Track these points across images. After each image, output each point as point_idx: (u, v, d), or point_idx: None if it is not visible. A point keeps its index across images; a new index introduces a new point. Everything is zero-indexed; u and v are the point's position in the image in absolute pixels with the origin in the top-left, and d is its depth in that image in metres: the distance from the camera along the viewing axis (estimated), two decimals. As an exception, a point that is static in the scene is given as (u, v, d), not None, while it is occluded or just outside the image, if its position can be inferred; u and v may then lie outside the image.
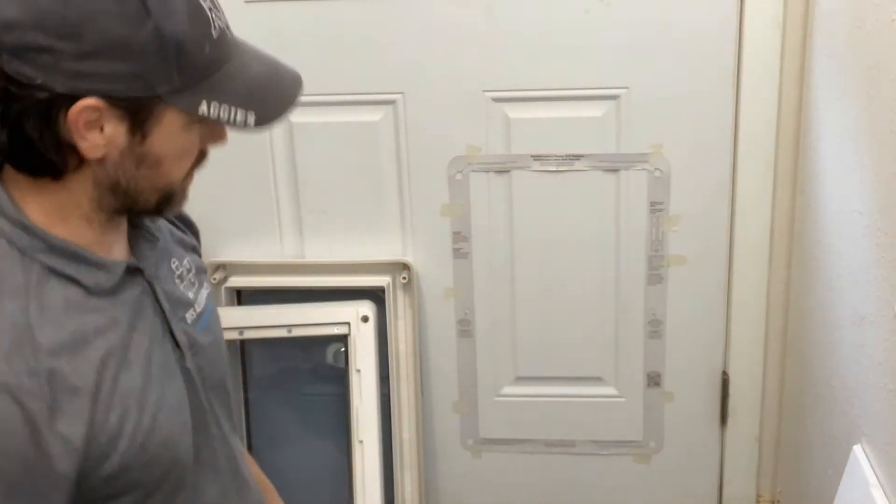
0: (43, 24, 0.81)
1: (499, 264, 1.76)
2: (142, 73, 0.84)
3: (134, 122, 0.86)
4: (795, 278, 1.66)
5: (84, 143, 0.85)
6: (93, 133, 0.85)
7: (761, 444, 1.82)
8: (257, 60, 0.94)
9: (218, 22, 0.89)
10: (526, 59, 1.63)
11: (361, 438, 1.69)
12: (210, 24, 0.88)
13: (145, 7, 0.82)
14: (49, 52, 0.82)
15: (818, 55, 1.50)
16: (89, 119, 0.84)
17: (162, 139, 0.88)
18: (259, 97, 0.91)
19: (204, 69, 0.87)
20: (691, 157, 1.66)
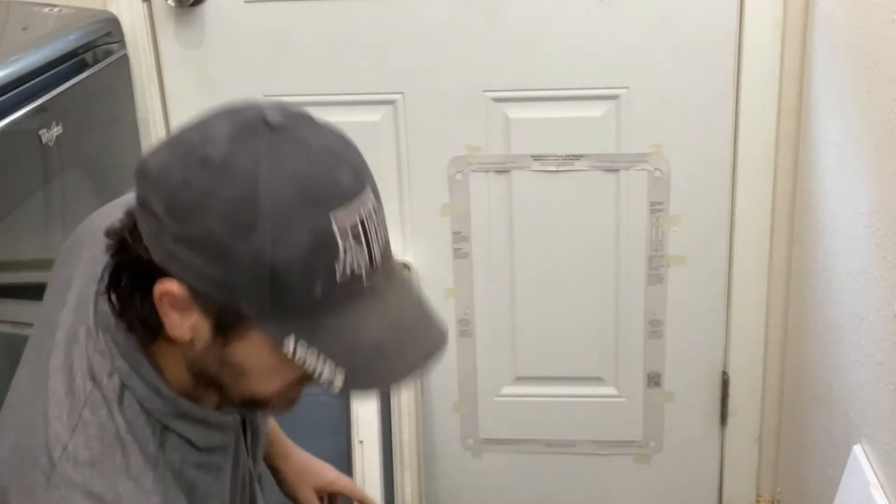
0: (161, 192, 0.76)
1: (499, 264, 1.76)
2: (231, 285, 0.75)
3: (218, 325, 0.79)
4: (795, 278, 1.66)
5: (167, 320, 0.79)
6: (175, 315, 0.79)
7: (761, 444, 1.82)
8: (394, 322, 0.80)
9: (353, 265, 0.76)
10: (526, 59, 1.63)
11: (361, 438, 1.69)
12: (337, 264, 0.75)
13: (256, 223, 0.73)
14: (157, 219, 0.76)
15: (818, 55, 1.50)
16: (173, 301, 0.78)
17: (246, 353, 0.80)
18: (360, 361, 0.78)
19: (306, 307, 0.76)
20: (691, 157, 1.66)
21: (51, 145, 1.30)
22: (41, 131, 1.28)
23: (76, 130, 1.34)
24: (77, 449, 0.79)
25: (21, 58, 1.28)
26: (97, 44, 1.51)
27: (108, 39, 1.56)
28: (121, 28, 1.61)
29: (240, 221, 0.73)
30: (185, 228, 0.75)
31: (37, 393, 0.83)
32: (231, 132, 0.75)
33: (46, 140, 1.29)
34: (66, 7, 1.54)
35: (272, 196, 0.73)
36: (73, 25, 1.47)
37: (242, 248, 0.73)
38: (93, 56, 1.48)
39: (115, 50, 1.58)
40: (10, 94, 1.21)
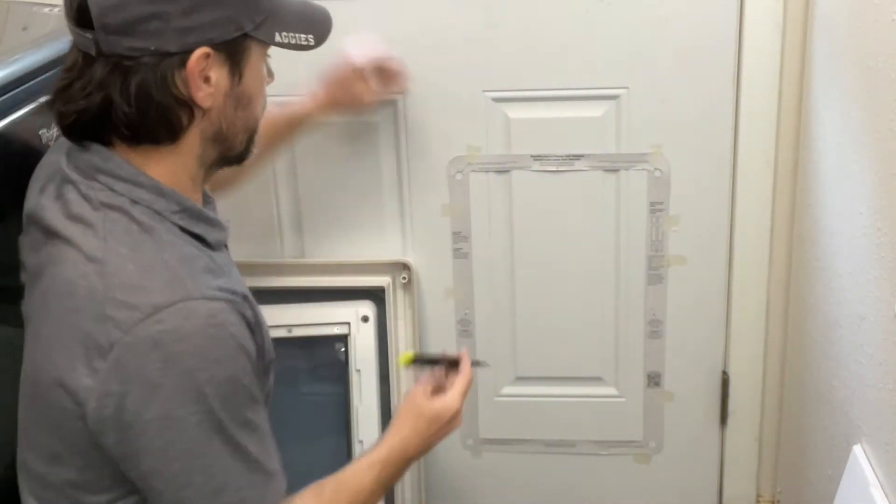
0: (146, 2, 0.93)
1: (499, 264, 1.76)
2: (233, 16, 0.98)
3: (232, 63, 1.00)
4: (795, 278, 1.66)
5: (199, 93, 0.98)
6: (204, 85, 0.98)
7: (761, 444, 1.82)
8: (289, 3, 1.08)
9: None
10: (526, 59, 1.63)
11: (361, 438, 1.69)
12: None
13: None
14: (158, 17, 0.94)
15: (818, 55, 1.50)
16: (201, 69, 0.97)
17: (251, 77, 1.03)
18: (309, 23, 1.09)
19: (268, 5, 1.02)
20: (691, 157, 1.66)
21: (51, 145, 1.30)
22: (41, 131, 1.28)
23: (76, 130, 1.34)
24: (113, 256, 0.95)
25: (21, 58, 1.28)
26: (97, 44, 1.51)
27: (108, 39, 1.55)
28: (121, 28, 1.61)
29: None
30: (185, 2, 0.94)
31: None
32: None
33: (46, 140, 1.29)
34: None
35: None
36: (73, 25, 1.47)
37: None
38: (93, 56, 1.48)
39: (115, 50, 1.58)
40: (10, 94, 1.21)
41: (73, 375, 0.93)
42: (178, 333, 0.91)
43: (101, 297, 0.93)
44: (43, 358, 0.97)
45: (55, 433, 0.98)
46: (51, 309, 0.97)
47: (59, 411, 0.95)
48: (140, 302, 0.92)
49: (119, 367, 0.91)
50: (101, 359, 0.91)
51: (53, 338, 0.95)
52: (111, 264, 0.94)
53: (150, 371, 0.91)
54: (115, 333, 0.91)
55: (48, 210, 1.01)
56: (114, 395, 0.92)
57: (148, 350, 0.91)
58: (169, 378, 0.91)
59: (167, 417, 0.92)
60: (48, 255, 0.99)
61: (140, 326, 0.91)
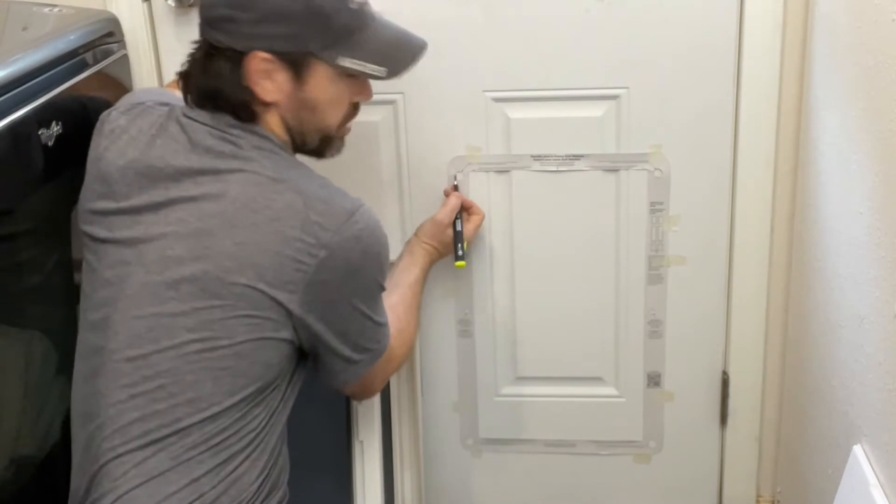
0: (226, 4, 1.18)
1: (499, 264, 1.76)
2: (297, 34, 1.19)
3: (295, 72, 1.21)
4: (795, 278, 1.66)
5: (258, 88, 1.20)
6: (266, 81, 1.20)
7: (761, 444, 1.82)
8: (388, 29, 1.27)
9: None
10: (526, 59, 1.63)
11: (361, 438, 1.69)
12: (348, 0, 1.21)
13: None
14: (232, 21, 1.18)
15: (818, 55, 1.50)
16: (261, 69, 1.19)
17: (316, 87, 1.23)
18: (389, 56, 1.26)
19: (344, 32, 1.20)
20: (691, 157, 1.66)
21: (51, 145, 1.30)
22: (41, 131, 1.28)
23: (76, 130, 1.34)
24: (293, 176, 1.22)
25: (21, 58, 1.28)
26: (97, 44, 1.51)
27: (108, 39, 1.55)
28: (121, 28, 1.61)
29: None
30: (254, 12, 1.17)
31: None
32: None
33: (46, 140, 1.29)
34: (66, 7, 1.54)
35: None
36: (73, 25, 1.47)
37: (296, 5, 1.18)
38: (93, 56, 1.48)
39: (115, 50, 1.58)
40: (10, 94, 1.21)
41: (280, 272, 1.15)
42: (369, 228, 1.20)
43: (302, 206, 1.17)
44: (233, 263, 1.15)
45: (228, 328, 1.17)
46: (238, 223, 1.16)
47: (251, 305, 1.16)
48: (336, 210, 1.18)
49: (328, 260, 1.17)
50: (312, 256, 1.16)
51: (250, 245, 1.15)
52: (296, 181, 1.20)
53: (353, 259, 1.19)
54: (325, 235, 1.16)
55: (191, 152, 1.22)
56: (322, 282, 1.17)
57: (352, 244, 1.18)
58: (366, 261, 1.21)
59: (366, 290, 1.25)
60: (217, 182, 1.19)
61: (345, 227, 1.17)
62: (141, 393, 1.16)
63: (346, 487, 1.70)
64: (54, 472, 1.32)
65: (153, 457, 1.15)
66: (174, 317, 1.16)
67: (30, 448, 1.30)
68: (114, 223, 1.23)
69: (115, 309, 1.20)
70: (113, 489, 1.16)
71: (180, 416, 1.16)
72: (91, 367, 1.22)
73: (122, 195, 1.23)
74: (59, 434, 1.34)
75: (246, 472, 1.21)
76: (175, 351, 1.16)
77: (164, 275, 1.17)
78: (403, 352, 1.46)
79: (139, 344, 1.17)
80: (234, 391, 1.18)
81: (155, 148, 1.24)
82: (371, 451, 1.67)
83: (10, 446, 1.25)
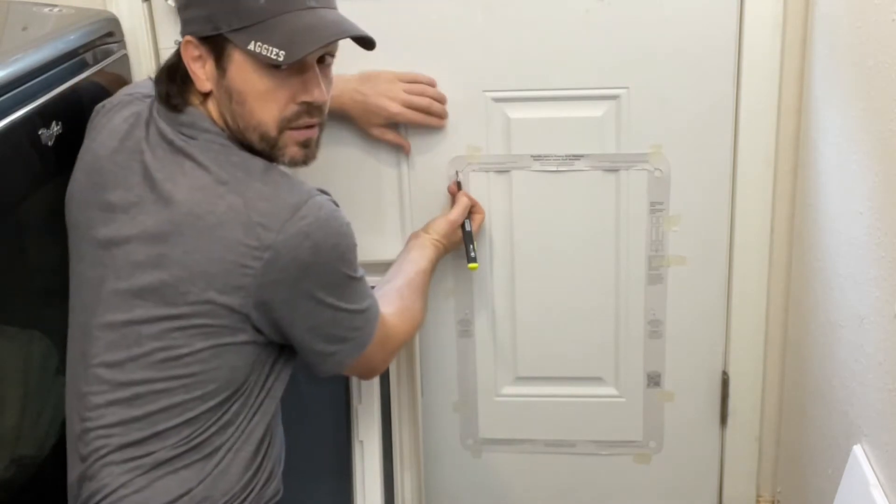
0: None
1: (499, 264, 1.76)
2: (211, 16, 1.16)
3: (216, 57, 1.18)
4: (795, 278, 1.66)
5: (195, 77, 1.19)
6: (199, 69, 1.19)
7: (761, 444, 1.82)
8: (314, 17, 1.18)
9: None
10: (526, 59, 1.63)
11: (361, 438, 1.69)
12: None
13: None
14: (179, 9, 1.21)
15: (818, 55, 1.50)
16: (194, 55, 1.19)
17: (237, 76, 1.18)
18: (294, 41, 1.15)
19: (258, 15, 1.14)
20: (691, 157, 1.66)
21: (51, 145, 1.30)
22: (41, 131, 1.28)
23: (76, 130, 1.34)
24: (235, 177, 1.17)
25: (21, 58, 1.28)
26: (97, 44, 1.51)
27: (108, 39, 1.55)
28: (121, 28, 1.61)
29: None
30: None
31: None
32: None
33: (46, 140, 1.29)
34: (66, 7, 1.54)
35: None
36: (73, 25, 1.47)
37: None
38: (93, 56, 1.48)
39: (115, 50, 1.58)
40: (10, 94, 1.21)
41: (228, 278, 1.13)
42: (318, 222, 1.15)
43: (243, 208, 1.14)
44: (184, 272, 1.14)
45: (183, 334, 1.16)
46: (185, 231, 1.15)
47: (204, 313, 1.14)
48: (279, 207, 1.14)
49: (274, 260, 1.14)
50: (257, 259, 1.13)
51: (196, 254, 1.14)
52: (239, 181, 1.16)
53: (303, 255, 1.15)
54: (268, 235, 1.13)
55: (157, 148, 1.20)
56: (273, 283, 1.15)
57: (299, 240, 1.14)
58: (320, 255, 1.16)
59: (329, 282, 1.19)
60: (168, 181, 1.17)
61: (290, 224, 1.14)
62: (118, 400, 1.17)
63: (346, 487, 1.70)
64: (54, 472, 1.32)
65: (137, 458, 1.17)
66: (140, 324, 1.17)
67: (30, 448, 1.30)
68: (93, 219, 1.23)
69: (94, 314, 1.21)
70: (100, 489, 1.17)
71: (157, 422, 1.17)
72: (76, 370, 1.23)
73: (100, 187, 1.23)
74: (59, 434, 1.34)
75: (231, 464, 1.21)
76: (145, 359, 1.16)
77: (130, 281, 1.18)
78: (405, 329, 1.43)
79: (114, 350, 1.18)
80: (206, 397, 1.18)
81: (130, 140, 1.23)
82: (371, 451, 1.67)
83: (10, 446, 1.25)
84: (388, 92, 1.57)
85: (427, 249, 1.58)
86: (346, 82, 1.55)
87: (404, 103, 1.58)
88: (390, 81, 1.57)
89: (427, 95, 1.60)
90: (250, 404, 1.23)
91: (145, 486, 1.16)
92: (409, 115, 1.60)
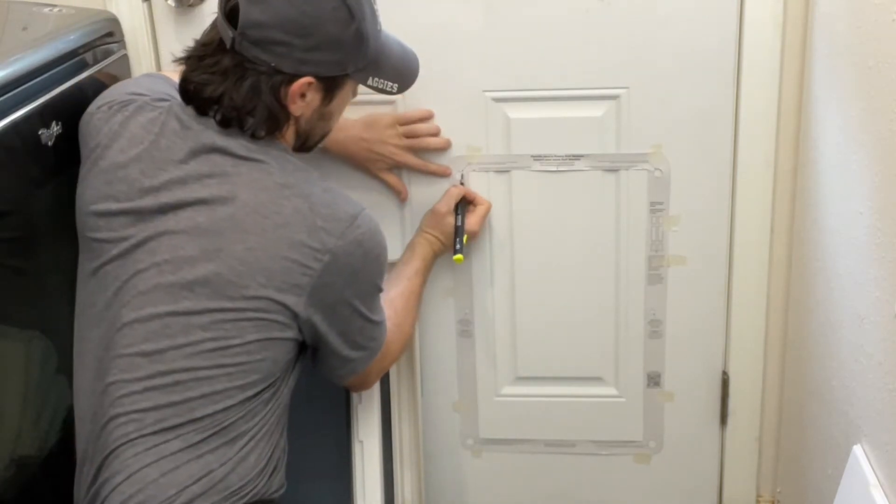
0: (284, 25, 1.20)
1: (499, 264, 1.76)
2: (342, 60, 1.26)
3: (327, 91, 1.28)
4: (795, 278, 1.66)
5: (294, 106, 1.25)
6: (300, 100, 1.25)
7: (761, 444, 1.82)
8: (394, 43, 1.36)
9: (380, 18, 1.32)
10: (526, 59, 1.63)
11: (361, 438, 1.69)
12: (377, 22, 1.31)
13: (351, 14, 1.24)
14: (285, 45, 1.21)
15: (818, 55, 1.50)
16: (301, 91, 1.24)
17: (339, 102, 1.32)
18: (402, 74, 1.37)
19: (374, 54, 1.29)
20: (691, 157, 1.66)
21: (50, 145, 1.30)
22: (41, 131, 1.28)
23: (76, 130, 1.34)
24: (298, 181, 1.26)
25: (21, 58, 1.28)
26: (97, 44, 1.51)
27: (108, 39, 1.55)
28: (121, 28, 1.61)
29: (342, 17, 1.24)
30: (311, 39, 1.22)
31: None
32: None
33: (46, 140, 1.29)
34: (66, 7, 1.54)
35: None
36: (73, 25, 1.47)
37: (348, 33, 1.25)
38: (93, 56, 1.48)
39: (115, 50, 1.58)
40: (10, 94, 1.21)
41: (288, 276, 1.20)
42: (370, 232, 1.27)
43: (308, 211, 1.22)
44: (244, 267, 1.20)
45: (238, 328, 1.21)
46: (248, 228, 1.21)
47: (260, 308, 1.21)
48: (340, 215, 1.24)
49: (332, 264, 1.23)
50: (317, 261, 1.22)
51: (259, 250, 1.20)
52: (302, 186, 1.24)
53: (355, 262, 1.25)
54: (329, 240, 1.22)
55: (198, 153, 1.25)
56: (326, 285, 1.23)
57: (354, 248, 1.24)
58: (367, 264, 1.27)
59: (365, 292, 1.30)
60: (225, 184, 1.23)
61: (348, 231, 1.23)
62: (156, 386, 1.20)
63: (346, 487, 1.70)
64: (54, 472, 1.32)
65: (165, 442, 1.20)
66: (188, 315, 1.21)
67: (30, 448, 1.30)
68: (117, 223, 1.25)
69: (128, 306, 1.22)
70: (125, 468, 1.19)
71: (194, 407, 1.20)
72: (99, 362, 1.24)
73: (124, 196, 1.25)
74: (59, 434, 1.34)
75: (252, 451, 1.25)
76: (191, 348, 1.20)
77: (177, 275, 1.21)
78: (400, 346, 1.51)
79: (155, 339, 1.21)
80: (246, 387, 1.23)
81: (159, 149, 1.25)
82: (371, 451, 1.67)
83: (10, 446, 1.25)
84: (388, 139, 1.63)
85: (417, 246, 1.64)
86: (349, 128, 1.61)
87: (403, 148, 1.64)
88: (389, 126, 1.63)
89: (422, 134, 1.65)
90: (276, 396, 1.28)
91: (171, 469, 1.19)
92: (409, 162, 1.65)
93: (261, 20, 1.20)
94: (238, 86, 1.22)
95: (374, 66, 1.31)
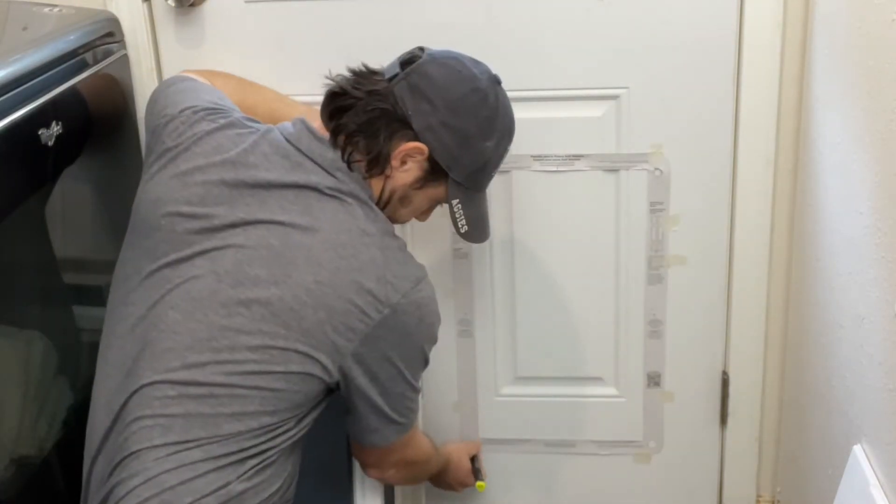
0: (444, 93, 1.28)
1: (499, 264, 1.76)
2: (457, 158, 1.30)
3: (425, 174, 1.30)
4: (795, 278, 1.66)
5: (395, 161, 1.28)
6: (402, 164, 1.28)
7: (761, 444, 1.82)
8: (484, 200, 1.40)
9: (499, 168, 1.37)
10: (526, 59, 1.63)
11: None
12: (496, 168, 1.37)
13: (491, 132, 1.32)
14: (431, 105, 1.27)
15: (818, 55, 1.50)
16: (411, 154, 1.28)
17: (425, 197, 1.34)
18: (474, 224, 1.37)
19: (476, 186, 1.35)
20: (691, 157, 1.66)
21: (51, 145, 1.30)
22: (41, 131, 1.28)
23: (76, 130, 1.34)
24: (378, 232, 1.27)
25: (21, 58, 1.28)
26: (97, 44, 1.51)
27: (108, 39, 1.55)
28: (121, 28, 1.61)
29: (486, 129, 1.31)
30: (453, 120, 1.28)
31: None
32: (486, 77, 1.33)
33: (46, 140, 1.29)
34: (66, 7, 1.54)
35: (501, 123, 1.34)
36: (73, 25, 1.47)
37: (480, 144, 1.31)
38: (93, 56, 1.48)
39: (115, 50, 1.58)
40: (10, 94, 1.21)
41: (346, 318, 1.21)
42: (429, 298, 1.28)
43: (382, 263, 1.23)
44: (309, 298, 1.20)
45: None
46: (323, 263, 1.21)
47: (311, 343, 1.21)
48: (409, 274, 1.26)
49: (389, 318, 1.23)
50: (378, 312, 1.22)
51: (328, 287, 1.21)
52: (381, 238, 1.26)
53: (410, 323, 1.26)
54: (394, 295, 1.23)
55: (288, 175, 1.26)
56: (378, 338, 1.23)
57: (413, 309, 1.25)
58: (420, 328, 1.28)
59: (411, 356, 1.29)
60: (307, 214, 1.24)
61: (412, 292, 1.25)
62: (191, 395, 1.19)
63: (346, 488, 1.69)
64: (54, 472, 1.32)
65: (187, 450, 1.19)
66: (238, 333, 1.20)
67: (30, 448, 1.30)
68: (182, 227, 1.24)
69: (176, 309, 1.21)
70: (143, 470, 1.18)
71: (222, 423, 1.19)
72: (133, 361, 1.22)
73: (198, 200, 1.24)
74: (59, 434, 1.34)
75: (270, 473, 1.25)
76: (233, 366, 1.19)
77: (237, 289, 1.21)
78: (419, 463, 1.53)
79: (199, 349, 1.20)
80: (275, 413, 1.22)
81: (245, 165, 1.26)
82: (371, 451, 1.66)
83: (10, 446, 1.25)
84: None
85: (443, 456, 1.68)
86: None
87: None
88: None
89: None
90: (300, 425, 1.28)
91: (190, 478, 1.18)
92: None
93: (430, 74, 1.27)
94: (369, 108, 1.26)
95: (468, 193, 1.33)
